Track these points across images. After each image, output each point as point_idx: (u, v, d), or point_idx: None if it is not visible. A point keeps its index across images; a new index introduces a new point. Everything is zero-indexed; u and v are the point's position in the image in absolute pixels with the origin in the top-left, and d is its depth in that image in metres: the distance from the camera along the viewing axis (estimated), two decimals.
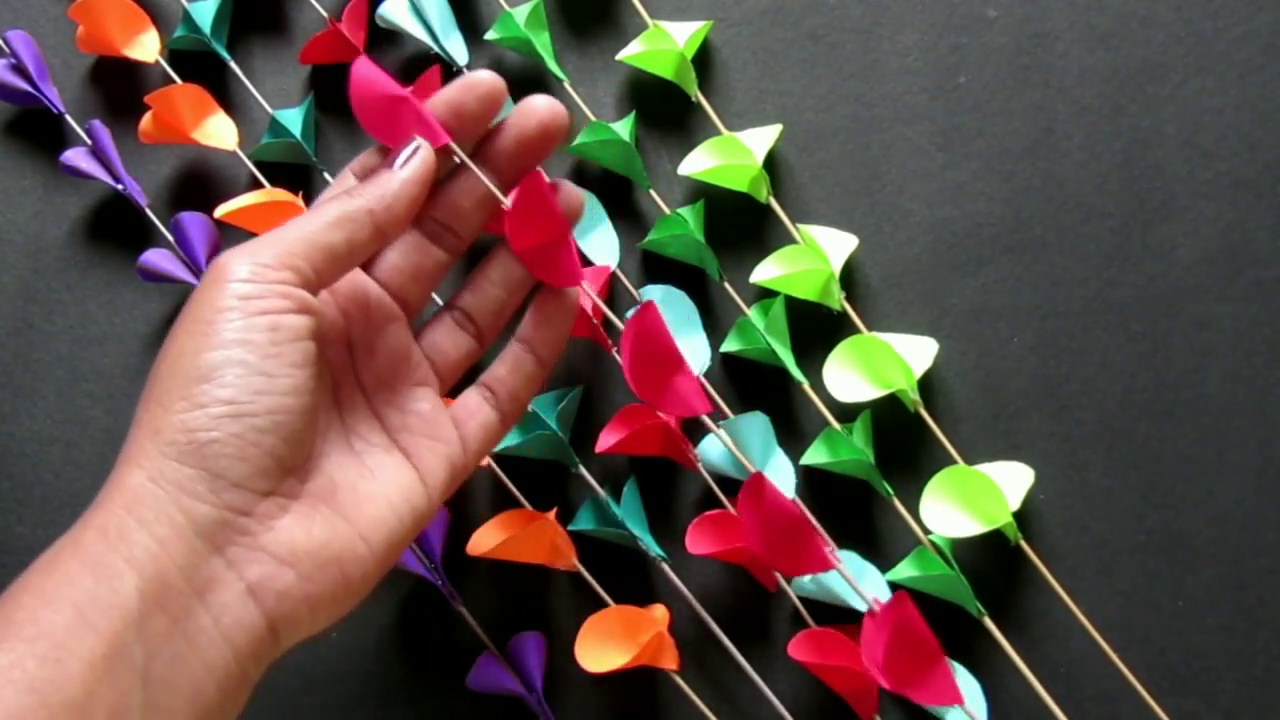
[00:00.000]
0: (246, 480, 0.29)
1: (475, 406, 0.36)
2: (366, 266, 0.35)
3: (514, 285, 0.37)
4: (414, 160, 0.33)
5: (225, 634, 0.28)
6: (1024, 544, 0.39)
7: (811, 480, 0.42)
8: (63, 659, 0.26)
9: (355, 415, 0.34)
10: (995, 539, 0.40)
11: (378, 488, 0.32)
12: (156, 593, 0.27)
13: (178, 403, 0.29)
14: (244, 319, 0.30)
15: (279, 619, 0.29)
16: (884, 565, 0.40)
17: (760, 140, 0.43)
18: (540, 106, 0.35)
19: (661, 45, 0.43)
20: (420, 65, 0.45)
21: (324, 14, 0.45)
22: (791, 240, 0.43)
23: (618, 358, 0.42)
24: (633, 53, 0.43)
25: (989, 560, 0.41)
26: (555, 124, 0.35)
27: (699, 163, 0.42)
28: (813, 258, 0.41)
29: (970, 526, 0.38)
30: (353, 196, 0.32)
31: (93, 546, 0.28)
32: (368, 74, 0.34)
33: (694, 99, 0.44)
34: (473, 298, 0.37)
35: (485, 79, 0.34)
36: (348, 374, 0.34)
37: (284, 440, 0.30)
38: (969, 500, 0.39)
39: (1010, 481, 0.39)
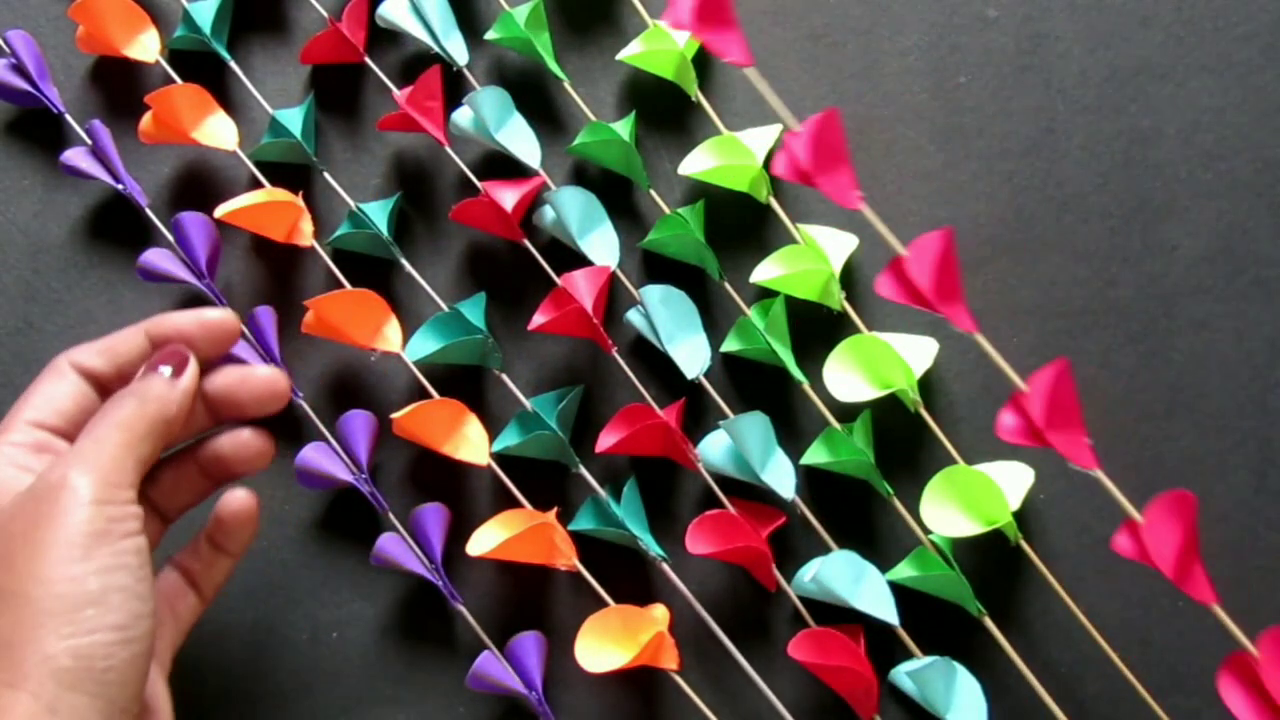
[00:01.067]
0: (129, 707, 0.30)
1: (180, 591, 0.37)
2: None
3: (199, 493, 0.38)
4: (189, 372, 0.36)
5: None
6: (1024, 544, 0.39)
7: (812, 480, 0.42)
8: None
9: None
10: (995, 539, 0.40)
11: (158, 688, 0.34)
12: None
13: (64, 627, 0.29)
14: (114, 544, 0.31)
15: None
16: (884, 565, 0.40)
17: (760, 140, 0.43)
18: (262, 381, 0.38)
19: (661, 45, 0.43)
20: (420, 65, 0.45)
21: (324, 14, 0.45)
22: (791, 240, 0.43)
23: (618, 358, 0.42)
24: (633, 53, 0.43)
25: (989, 560, 0.41)
26: (273, 399, 0.38)
27: (699, 163, 0.42)
28: (813, 258, 0.41)
29: (970, 526, 0.38)
30: (148, 406, 0.34)
31: None
32: None
33: (694, 99, 0.44)
34: (160, 493, 0.37)
35: (219, 320, 0.37)
36: None
37: (150, 660, 0.31)
38: (969, 500, 0.39)
39: (1010, 481, 0.39)
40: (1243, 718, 0.37)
